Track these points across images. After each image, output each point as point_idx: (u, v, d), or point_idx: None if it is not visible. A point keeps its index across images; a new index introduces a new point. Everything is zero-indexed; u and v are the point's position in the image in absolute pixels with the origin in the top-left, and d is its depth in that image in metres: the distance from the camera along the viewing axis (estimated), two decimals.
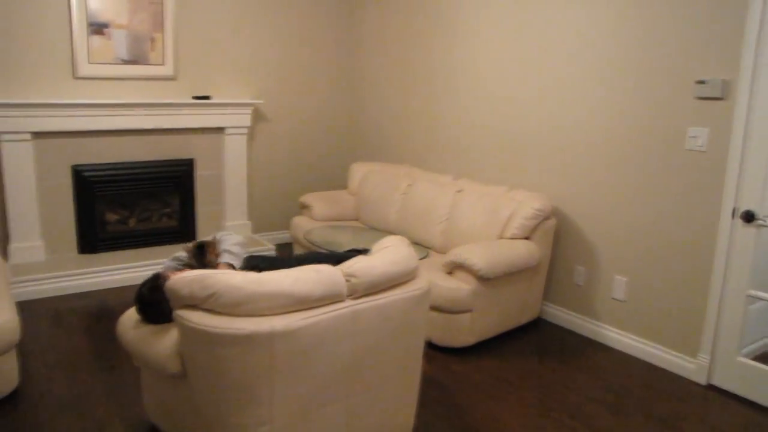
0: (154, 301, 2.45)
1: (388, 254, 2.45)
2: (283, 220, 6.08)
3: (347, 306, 2.25)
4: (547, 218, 4.02)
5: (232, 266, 2.67)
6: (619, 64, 3.76)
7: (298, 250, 5.17)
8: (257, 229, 5.87)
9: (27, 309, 4.20)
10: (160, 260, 4.84)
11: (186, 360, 2.20)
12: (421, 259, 3.89)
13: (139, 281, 4.72)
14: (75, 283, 4.53)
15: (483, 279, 3.65)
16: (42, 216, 4.69)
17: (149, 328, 2.47)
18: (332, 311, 2.21)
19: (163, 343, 2.32)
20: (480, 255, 3.65)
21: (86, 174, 4.80)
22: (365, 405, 2.44)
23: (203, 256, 2.65)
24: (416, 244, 4.53)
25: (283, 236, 6.06)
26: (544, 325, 4.30)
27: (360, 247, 3.38)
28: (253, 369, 2.08)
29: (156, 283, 2.48)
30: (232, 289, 2.05)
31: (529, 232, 3.96)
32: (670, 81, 3.52)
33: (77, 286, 4.54)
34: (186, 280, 2.08)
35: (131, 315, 2.61)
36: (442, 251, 4.38)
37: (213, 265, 2.64)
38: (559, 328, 4.24)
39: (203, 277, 2.07)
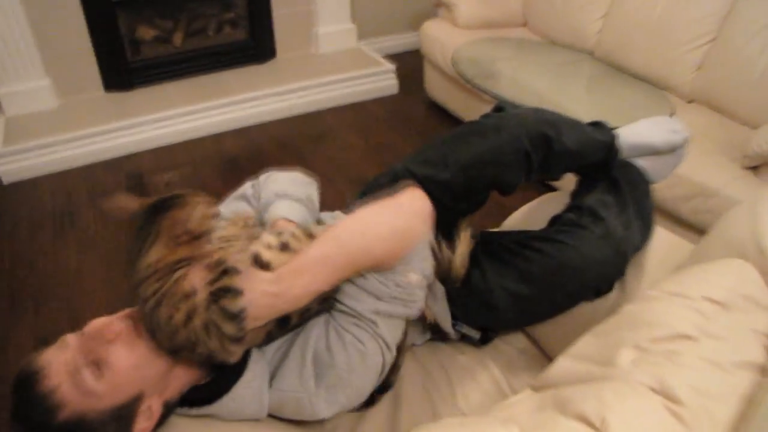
0: None
1: None
2: (406, 22, 4.15)
3: None
4: None
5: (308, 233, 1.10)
6: None
7: (430, 76, 3.35)
8: (364, 34, 3.99)
9: (25, 192, 2.76)
10: (221, 101, 3.19)
11: None
12: None
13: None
14: (101, 145, 3.00)
15: None
16: (40, 40, 2.99)
17: None
18: None
19: None
20: None
21: None
22: None
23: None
24: (644, 81, 2.62)
25: (402, 42, 4.17)
26: None
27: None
28: None
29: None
30: None
31: None
32: None
33: (104, 149, 3.01)
34: None
35: None
36: (696, 99, 2.47)
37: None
38: None
39: None
